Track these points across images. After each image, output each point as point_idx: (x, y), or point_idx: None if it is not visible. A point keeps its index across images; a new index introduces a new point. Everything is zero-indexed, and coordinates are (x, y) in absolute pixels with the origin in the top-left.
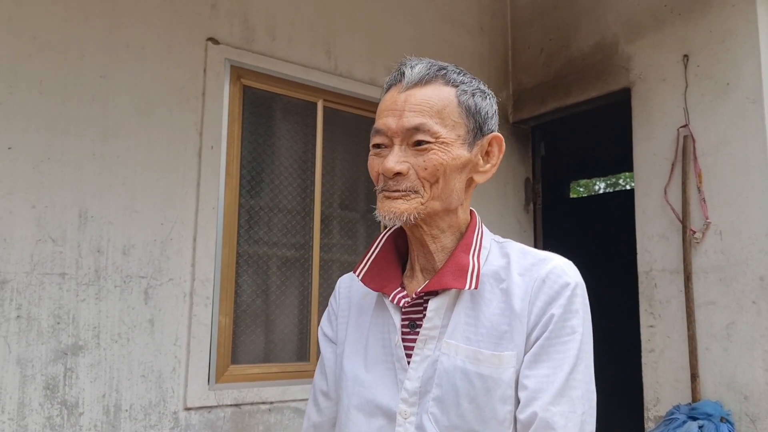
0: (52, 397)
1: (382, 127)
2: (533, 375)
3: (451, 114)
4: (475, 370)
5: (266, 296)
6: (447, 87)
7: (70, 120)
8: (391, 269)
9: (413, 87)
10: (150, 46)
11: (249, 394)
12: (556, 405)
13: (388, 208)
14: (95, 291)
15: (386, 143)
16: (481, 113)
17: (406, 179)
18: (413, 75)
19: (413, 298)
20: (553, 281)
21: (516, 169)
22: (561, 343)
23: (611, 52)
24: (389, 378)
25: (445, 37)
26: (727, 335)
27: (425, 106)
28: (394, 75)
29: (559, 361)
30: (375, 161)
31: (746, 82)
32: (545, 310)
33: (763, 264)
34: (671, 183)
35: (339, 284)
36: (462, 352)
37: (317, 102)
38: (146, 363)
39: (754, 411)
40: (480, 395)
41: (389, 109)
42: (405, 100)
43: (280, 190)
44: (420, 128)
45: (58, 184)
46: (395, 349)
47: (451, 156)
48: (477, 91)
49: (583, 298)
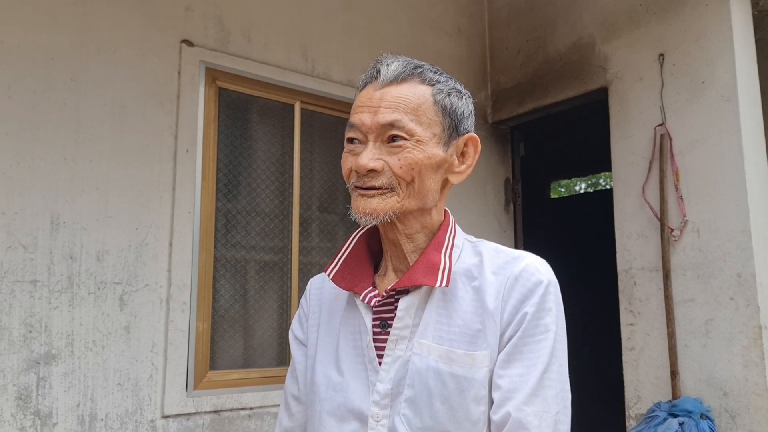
0: (24, 408)
1: (357, 122)
2: (507, 375)
3: (427, 112)
4: (448, 370)
5: (244, 301)
6: (423, 85)
7: (41, 124)
8: (363, 269)
9: (389, 84)
10: (122, 49)
11: (228, 401)
12: (530, 405)
13: (364, 207)
14: (68, 298)
15: (360, 139)
16: (457, 113)
17: (381, 176)
18: (389, 72)
19: (383, 296)
20: (526, 279)
21: (495, 169)
22: (534, 342)
23: (588, 51)
24: (361, 380)
25: (422, 38)
26: (706, 332)
27: (401, 103)
28: (369, 72)
29: (532, 360)
30: (348, 158)
31: (721, 80)
32: (518, 308)
33: (740, 260)
34: (649, 181)
35: (310, 285)
36: (435, 351)
37: (294, 104)
38: (122, 371)
39: (734, 407)
40: (453, 395)
41: (364, 105)
42: (380, 96)
43: (258, 193)
44: (395, 124)
45: (29, 190)
46: (366, 350)
47: (426, 154)
48: (453, 91)
49: (556, 296)
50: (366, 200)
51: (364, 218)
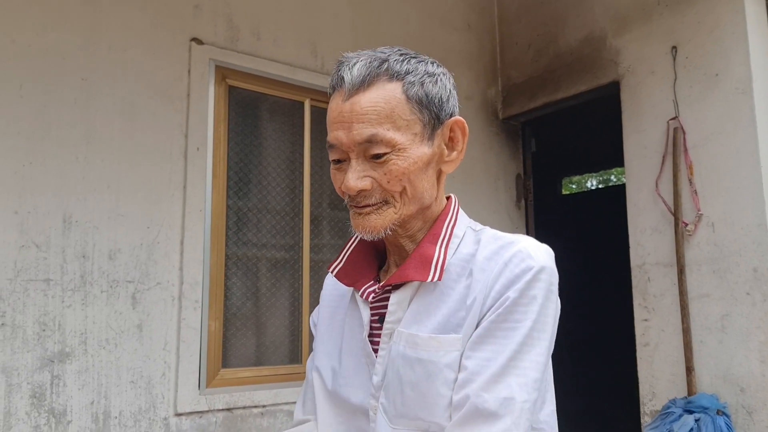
0: (39, 406)
1: (335, 141)
2: (474, 356)
3: (402, 114)
4: (415, 354)
5: (256, 299)
6: (392, 83)
7: (52, 123)
8: (366, 265)
9: (356, 92)
10: (132, 48)
11: (241, 398)
12: (490, 391)
13: (363, 225)
14: (81, 297)
15: (343, 157)
16: (434, 101)
17: (372, 193)
18: (353, 78)
19: (377, 292)
20: (516, 265)
21: (507, 165)
22: (510, 327)
23: (599, 45)
24: (362, 374)
25: (432, 35)
26: (722, 327)
27: (372, 114)
28: (334, 78)
29: (502, 345)
30: (337, 176)
31: (735, 72)
32: (502, 293)
33: (756, 255)
34: (662, 176)
35: (326, 280)
36: (404, 337)
37: (304, 101)
38: (135, 369)
39: (751, 403)
40: (421, 381)
41: (337, 122)
42: (350, 109)
43: (269, 191)
44: (372, 140)
45: (41, 189)
46: (364, 345)
47: (411, 160)
48: (426, 78)
49: (546, 283)
50: (363, 218)
51: (366, 235)
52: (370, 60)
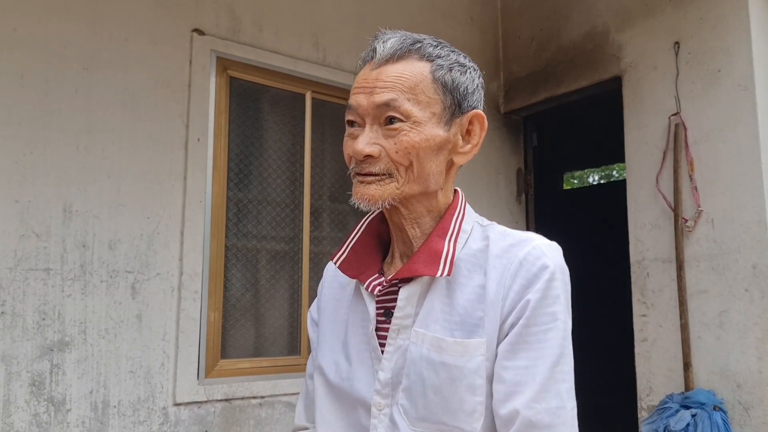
0: (38, 394)
1: (354, 104)
2: (511, 366)
3: (426, 90)
4: (439, 359)
5: (256, 290)
6: (421, 62)
7: (53, 113)
8: (370, 256)
9: (386, 63)
10: (133, 38)
11: (239, 389)
12: (541, 401)
13: (362, 193)
14: (81, 286)
15: (358, 121)
16: (459, 89)
17: (378, 161)
18: (385, 50)
19: (384, 285)
20: (531, 263)
21: (508, 159)
22: (541, 331)
23: (602, 40)
24: (367, 368)
25: (435, 27)
26: (720, 323)
27: (396, 82)
28: (367, 51)
29: (539, 351)
30: (348, 143)
31: (737, 69)
32: (521, 294)
33: (755, 252)
34: (663, 172)
35: (327, 270)
36: (427, 340)
37: (305, 93)
38: (134, 358)
39: (747, 399)
40: (445, 385)
41: (360, 86)
42: (376, 76)
43: (269, 182)
44: (390, 104)
45: (42, 179)
46: (370, 339)
47: (423, 136)
48: (455, 65)
49: (563, 282)
50: (364, 186)
51: (363, 204)
52: (405, 38)
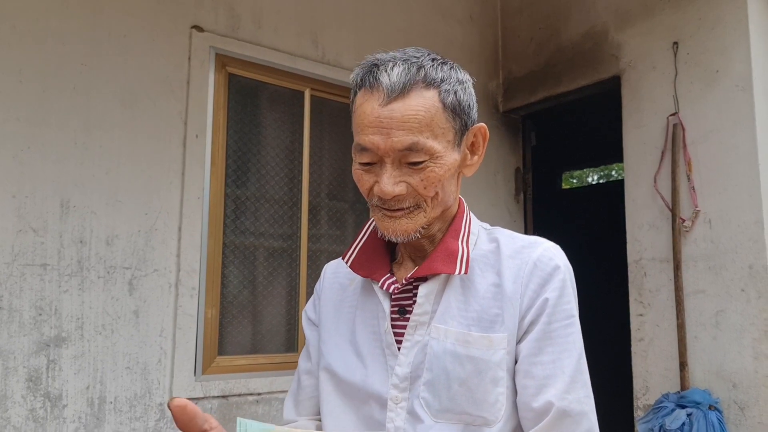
0: (35, 390)
1: (370, 146)
2: (539, 362)
3: (439, 122)
4: (466, 352)
5: (253, 287)
6: (429, 91)
7: (51, 109)
8: (380, 256)
9: (396, 99)
10: (132, 35)
11: (236, 386)
12: (572, 392)
13: (394, 229)
14: (78, 282)
15: (374, 160)
16: (465, 110)
17: (406, 198)
18: (393, 84)
19: (403, 284)
20: (545, 264)
21: (506, 158)
22: (562, 327)
23: (601, 40)
24: (380, 364)
25: (434, 26)
26: (716, 323)
27: (414, 122)
28: (366, 78)
29: (563, 345)
30: (365, 177)
31: (735, 70)
32: (538, 293)
33: (752, 252)
34: (661, 172)
35: (325, 270)
36: (452, 335)
37: (304, 91)
38: (131, 354)
39: (743, 399)
40: (471, 377)
41: (374, 126)
42: (389, 116)
43: (267, 180)
44: (413, 148)
45: (39, 174)
46: (385, 336)
47: (446, 168)
48: (457, 85)
49: (572, 282)
50: (394, 222)
51: (395, 238)
52: (408, 65)
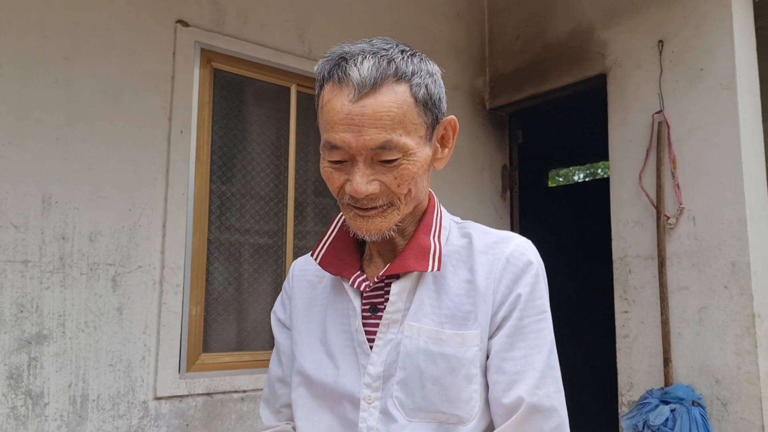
0: (16, 387)
1: (341, 144)
2: (510, 357)
3: (412, 118)
4: (439, 350)
5: (238, 284)
6: (400, 85)
7: (33, 103)
8: (349, 253)
9: (367, 95)
10: (116, 28)
11: (221, 383)
12: (542, 387)
13: (368, 228)
14: (60, 279)
15: (345, 158)
16: (436, 103)
17: (379, 196)
18: (363, 79)
19: (374, 282)
20: (518, 259)
21: (493, 156)
22: (534, 322)
23: (587, 37)
24: (351, 363)
25: (421, 22)
26: (700, 320)
27: (386, 119)
28: (335, 72)
29: (535, 341)
30: (335, 175)
31: (720, 68)
32: (511, 289)
33: (735, 249)
34: (646, 169)
35: (293, 268)
36: (424, 333)
37: (291, 87)
38: (114, 352)
39: (726, 395)
40: (444, 375)
41: (345, 124)
42: (361, 113)
43: (253, 176)
44: (386, 146)
45: (20, 169)
46: (356, 335)
47: (419, 164)
48: (428, 78)
49: (544, 277)
50: (367, 221)
51: (369, 238)
52: (378, 59)
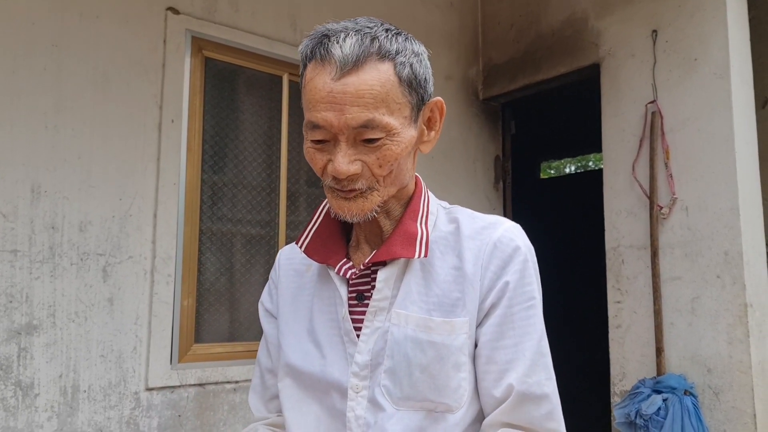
0: (5, 378)
1: (323, 123)
2: (501, 346)
3: (395, 97)
4: (427, 338)
5: (230, 274)
6: (384, 64)
7: (21, 91)
8: (335, 240)
9: (349, 72)
10: (105, 15)
11: (213, 374)
12: (533, 375)
13: (349, 208)
14: (50, 269)
15: (327, 138)
16: (421, 83)
17: (360, 177)
18: (345, 57)
19: (360, 269)
20: (505, 245)
21: (486, 146)
22: (523, 310)
23: (581, 27)
24: (339, 352)
25: (413, 12)
26: (692, 309)
27: (368, 97)
28: (317, 50)
29: (524, 328)
30: (317, 156)
31: (713, 58)
32: (499, 275)
33: (727, 239)
34: (639, 159)
35: (279, 256)
36: (412, 321)
37: (282, 75)
38: (105, 342)
39: (718, 384)
40: (432, 364)
41: (326, 102)
42: (342, 90)
43: (245, 165)
44: (369, 125)
45: (9, 158)
46: (342, 323)
47: (403, 145)
48: (413, 57)
49: (533, 263)
50: (348, 202)
51: (351, 218)
52: (361, 37)
